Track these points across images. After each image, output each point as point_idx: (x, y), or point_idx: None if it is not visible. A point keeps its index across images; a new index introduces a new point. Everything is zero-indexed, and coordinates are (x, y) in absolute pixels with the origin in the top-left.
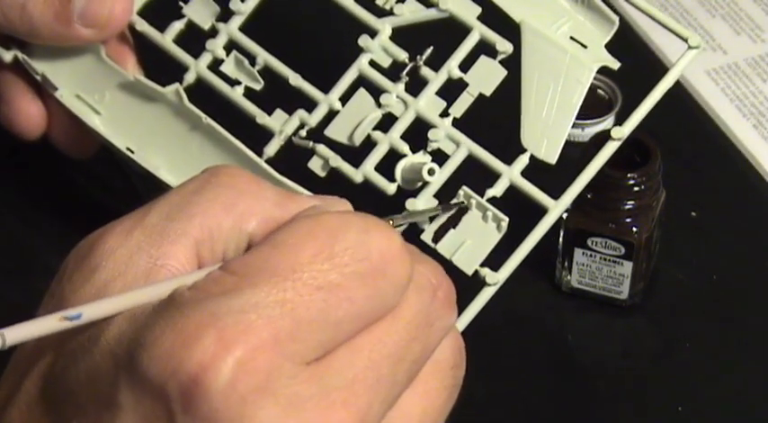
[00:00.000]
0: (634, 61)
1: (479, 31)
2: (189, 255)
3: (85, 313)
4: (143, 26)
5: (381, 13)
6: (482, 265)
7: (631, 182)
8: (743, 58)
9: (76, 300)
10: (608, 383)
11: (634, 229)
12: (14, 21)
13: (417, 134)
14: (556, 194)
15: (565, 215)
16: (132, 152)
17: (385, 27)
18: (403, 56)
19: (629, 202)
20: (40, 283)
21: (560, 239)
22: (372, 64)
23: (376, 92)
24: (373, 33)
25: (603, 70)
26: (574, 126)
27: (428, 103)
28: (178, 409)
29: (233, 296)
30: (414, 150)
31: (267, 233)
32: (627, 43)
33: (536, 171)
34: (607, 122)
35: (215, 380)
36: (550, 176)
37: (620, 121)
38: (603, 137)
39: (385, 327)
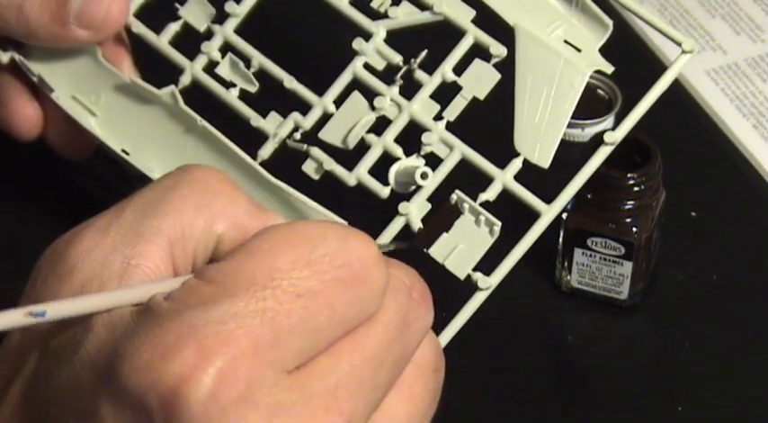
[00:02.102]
0: (634, 61)
1: (473, 35)
2: (163, 254)
3: (50, 311)
4: (139, 28)
5: (376, 15)
6: (474, 269)
7: (631, 182)
8: (743, 58)
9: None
10: (608, 383)
11: (634, 229)
12: (11, 22)
13: (411, 137)
14: (555, 193)
15: (565, 215)
16: (127, 154)
17: (379, 30)
18: (397, 59)
19: (629, 202)
20: None
21: (560, 239)
22: (367, 67)
23: (370, 95)
24: (368, 36)
25: (603, 71)
26: (574, 126)
27: (422, 107)
28: (159, 420)
29: (211, 307)
30: (407, 154)
31: (236, 238)
32: (627, 42)
33: (536, 171)
34: (607, 122)
35: (195, 391)
36: (551, 176)
37: (619, 122)
38: (603, 137)
39: (364, 331)
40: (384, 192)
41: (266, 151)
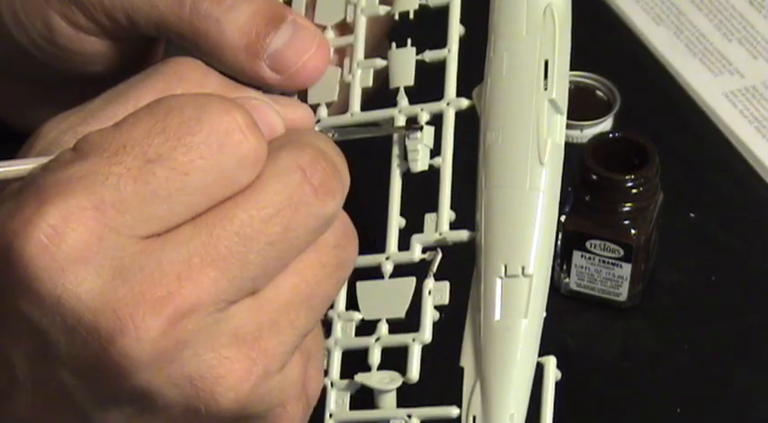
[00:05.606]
0: (632, 63)
1: None
2: None
3: None
4: None
5: None
6: None
7: (629, 184)
8: (761, 81)
9: None
10: (607, 385)
11: (632, 231)
12: (206, 40)
13: None
14: None
15: (563, 218)
16: None
17: None
18: None
19: (627, 205)
20: None
21: (559, 242)
22: None
23: None
24: None
25: (602, 72)
26: (573, 127)
27: None
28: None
29: (63, 169)
30: None
31: None
32: (625, 44)
33: None
34: (606, 123)
35: (27, 244)
36: None
37: (619, 123)
38: (602, 138)
39: (232, 205)
40: None
41: None
